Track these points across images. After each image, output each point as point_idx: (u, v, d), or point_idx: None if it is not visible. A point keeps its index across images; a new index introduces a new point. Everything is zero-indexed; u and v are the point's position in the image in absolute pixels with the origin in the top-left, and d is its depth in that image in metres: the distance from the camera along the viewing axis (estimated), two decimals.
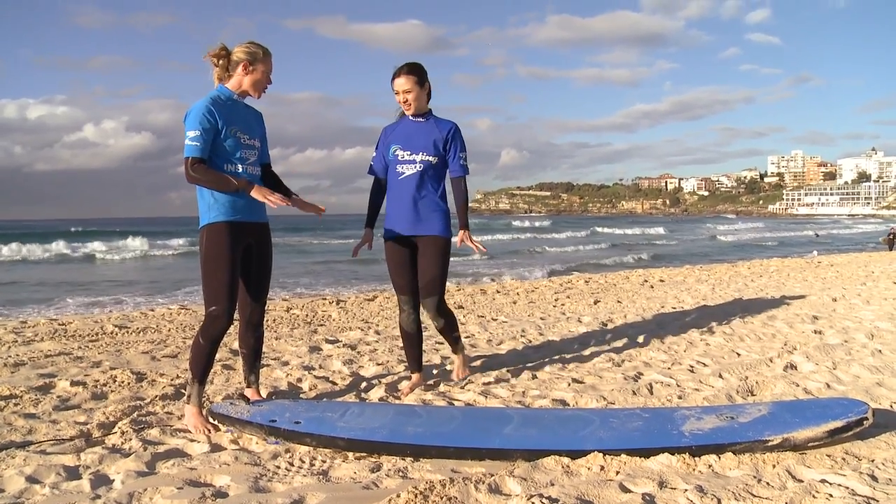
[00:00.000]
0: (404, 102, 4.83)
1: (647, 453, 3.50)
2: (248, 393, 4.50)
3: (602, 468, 3.41)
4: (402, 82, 4.77)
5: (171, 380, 5.31)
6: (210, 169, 4.00)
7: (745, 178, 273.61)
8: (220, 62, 4.15)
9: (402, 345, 6.58)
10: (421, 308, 5.09)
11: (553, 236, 53.04)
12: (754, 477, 3.26)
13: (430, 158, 4.86)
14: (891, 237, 32.10)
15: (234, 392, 4.81)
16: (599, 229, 65.20)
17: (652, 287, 12.46)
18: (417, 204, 4.88)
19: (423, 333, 5.05)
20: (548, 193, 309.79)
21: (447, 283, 5.25)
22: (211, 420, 4.13)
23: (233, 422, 4.03)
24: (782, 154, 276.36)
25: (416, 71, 4.81)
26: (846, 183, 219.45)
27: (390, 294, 11.93)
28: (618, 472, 3.37)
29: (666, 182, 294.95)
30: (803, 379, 5.13)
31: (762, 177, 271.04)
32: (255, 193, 4.00)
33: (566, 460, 3.49)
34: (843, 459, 3.48)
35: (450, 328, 5.14)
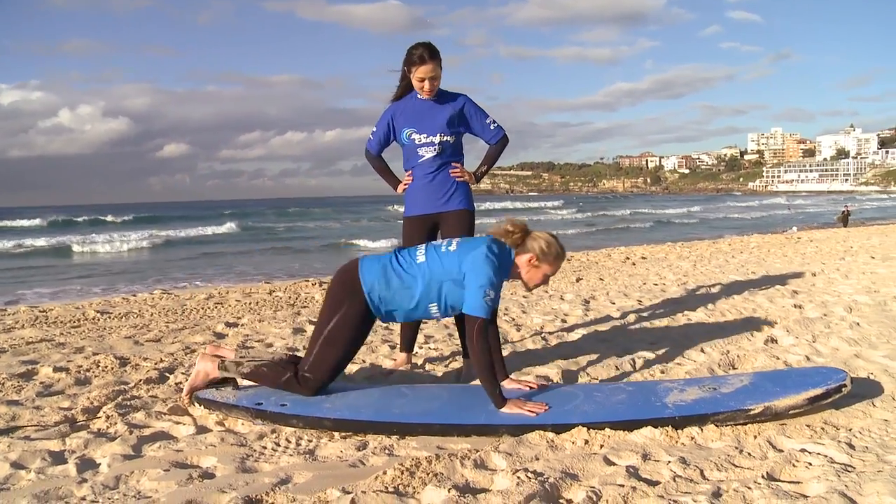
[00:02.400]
0: (427, 89, 4.61)
1: (630, 426, 3.54)
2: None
3: (586, 442, 3.46)
4: (432, 68, 4.53)
5: (155, 364, 5.30)
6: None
7: (725, 155, 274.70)
8: (517, 235, 4.02)
9: (385, 325, 6.62)
10: None
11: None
12: (736, 447, 3.32)
13: (449, 138, 4.71)
14: (844, 214, 32.41)
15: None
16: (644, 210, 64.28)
17: (634, 264, 12.52)
18: (441, 183, 4.77)
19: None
20: (529, 173, 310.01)
21: None
22: (197, 405, 4.15)
23: (219, 406, 4.02)
24: (762, 131, 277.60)
25: (439, 54, 4.59)
26: (825, 160, 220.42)
27: None
28: (602, 446, 3.41)
29: (647, 160, 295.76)
30: (784, 352, 5.20)
31: (742, 154, 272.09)
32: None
33: (551, 435, 3.53)
34: (822, 429, 3.55)
35: None
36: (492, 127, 4.83)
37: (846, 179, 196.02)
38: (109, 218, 56.30)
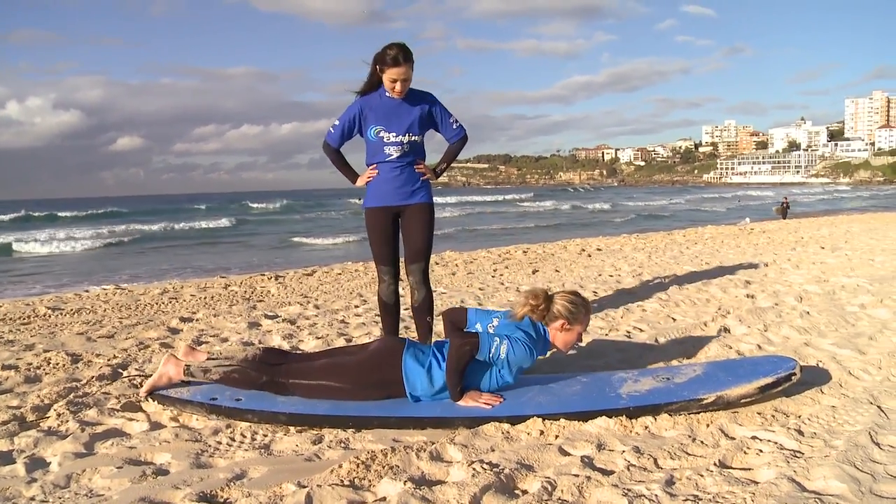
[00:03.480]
0: (398, 90, 4.64)
1: (585, 416, 3.58)
2: None
3: (541, 433, 3.49)
4: (404, 71, 4.57)
5: (108, 360, 5.23)
6: None
7: (680, 148, 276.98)
8: (542, 305, 3.94)
9: (341, 318, 6.62)
10: (401, 279, 5.11)
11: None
12: (689, 436, 3.37)
13: (416, 138, 4.81)
14: (783, 206, 32.80)
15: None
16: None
17: (590, 256, 12.59)
18: (407, 178, 4.86)
19: (364, 306, 5.02)
20: (486, 165, 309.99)
21: None
22: (151, 400, 4.10)
23: (173, 401, 3.98)
24: (716, 124, 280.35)
25: (412, 57, 4.62)
26: (777, 152, 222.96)
27: (329, 269, 11.90)
28: (557, 437, 3.44)
29: (603, 153, 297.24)
30: (736, 341, 5.27)
31: (697, 146, 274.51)
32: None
33: (506, 426, 3.55)
34: (773, 416, 3.63)
35: (427, 306, 5.01)
36: (454, 126, 4.94)
37: (798, 171, 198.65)
38: (63, 214, 55.47)
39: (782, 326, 5.67)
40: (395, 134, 4.74)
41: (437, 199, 5.18)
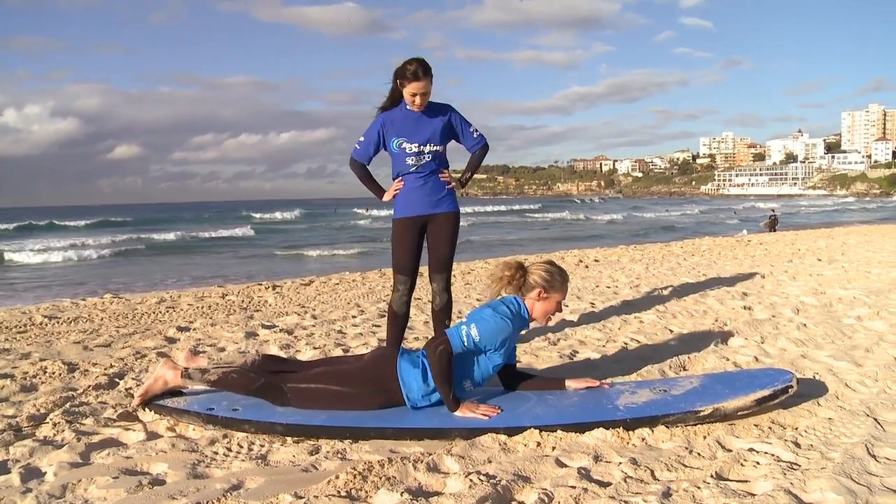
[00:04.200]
0: (418, 103, 4.80)
1: (582, 428, 3.57)
2: None
3: (538, 444, 3.48)
4: (424, 85, 4.73)
5: (105, 369, 5.22)
6: None
7: (678, 159, 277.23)
8: (517, 275, 4.03)
9: (338, 329, 6.61)
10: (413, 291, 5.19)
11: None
12: (686, 448, 3.37)
13: (438, 148, 4.95)
14: (771, 219, 32.25)
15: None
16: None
17: (587, 267, 12.61)
18: (433, 188, 4.99)
19: (361, 317, 5.03)
20: (484, 176, 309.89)
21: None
22: (147, 410, 4.10)
23: (169, 411, 3.97)
24: (714, 135, 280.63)
25: (431, 71, 4.78)
26: (774, 164, 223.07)
27: (326, 279, 11.90)
28: (554, 448, 3.44)
29: (601, 164, 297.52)
30: (733, 353, 5.28)
31: (695, 158, 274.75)
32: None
33: (503, 437, 3.54)
34: (770, 428, 3.63)
35: (447, 310, 5.19)
36: (475, 135, 5.08)
37: (795, 183, 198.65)
38: (64, 223, 55.43)
39: (779, 338, 5.68)
40: (416, 144, 4.89)
41: None
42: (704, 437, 3.52)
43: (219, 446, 3.61)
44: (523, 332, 4.58)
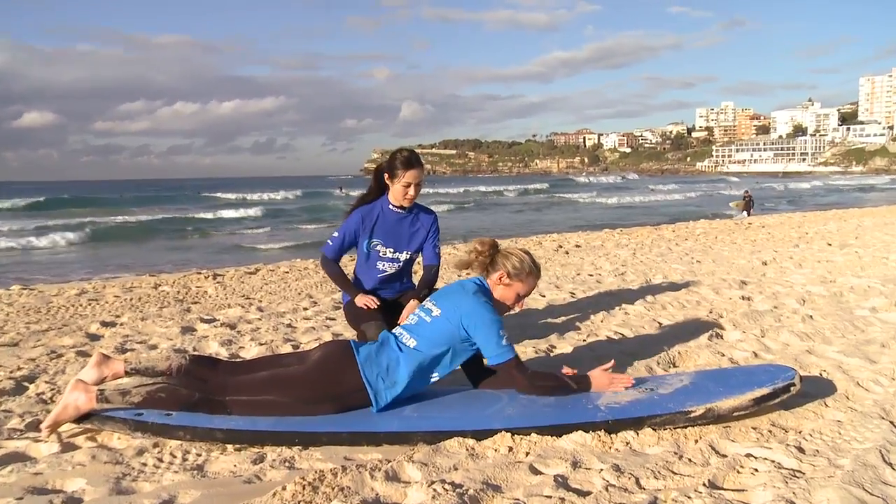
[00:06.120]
0: (411, 195, 5.04)
1: (559, 431, 3.61)
2: None
3: (510, 449, 3.51)
4: (419, 174, 5.00)
5: (11, 372, 5.07)
6: None
7: (670, 132, 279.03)
8: (486, 255, 4.14)
9: (287, 322, 6.64)
10: None
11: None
12: (675, 453, 3.41)
13: (413, 256, 5.26)
14: (746, 200, 31.78)
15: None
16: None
17: (567, 253, 12.67)
18: (398, 291, 5.28)
19: (314, 309, 5.03)
20: (453, 152, 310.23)
21: None
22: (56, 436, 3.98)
23: (90, 418, 3.91)
24: (712, 106, 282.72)
25: (423, 162, 5.11)
26: (781, 137, 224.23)
27: (274, 266, 11.86)
28: (528, 453, 3.47)
29: (584, 138, 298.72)
30: (729, 348, 5.35)
31: (690, 131, 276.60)
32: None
33: (471, 442, 3.57)
34: (770, 432, 3.67)
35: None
36: (436, 251, 5.31)
37: (804, 159, 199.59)
38: None
39: (782, 332, 5.75)
40: (393, 250, 5.16)
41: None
42: (696, 441, 3.56)
43: (148, 457, 3.57)
44: None
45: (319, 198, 57.78)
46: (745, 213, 29.38)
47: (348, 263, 5.65)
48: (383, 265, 5.15)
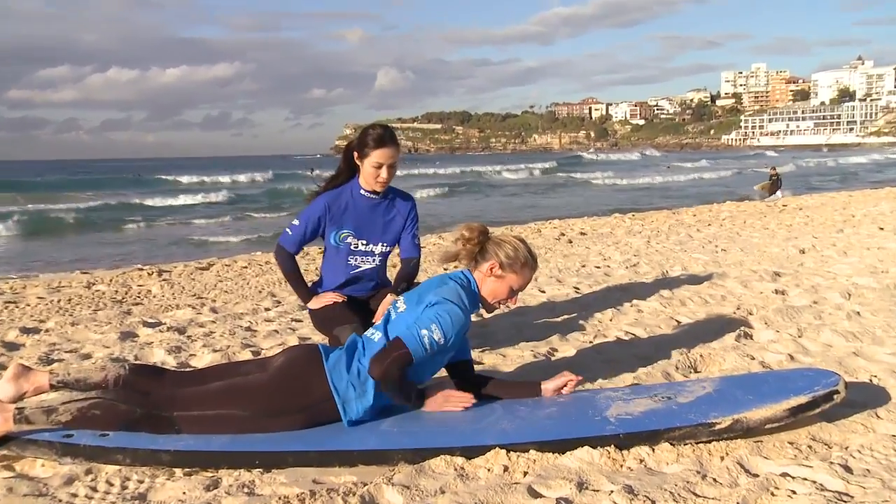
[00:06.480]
0: (383, 178, 4.93)
1: (562, 447, 3.61)
2: None
3: (506, 468, 3.50)
4: (392, 153, 4.90)
5: None
6: None
7: (691, 101, 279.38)
8: (474, 242, 4.11)
9: (246, 325, 6.65)
10: None
11: None
12: (697, 472, 3.40)
13: (390, 248, 5.21)
14: (772, 179, 31.23)
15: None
16: None
17: (570, 242, 12.70)
18: (371, 290, 5.20)
19: (277, 309, 5.01)
20: (438, 126, 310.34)
21: None
22: None
23: (8, 442, 3.84)
24: (740, 69, 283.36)
25: (398, 140, 4.99)
26: (823, 104, 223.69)
27: (231, 261, 11.85)
28: (526, 473, 3.46)
29: (590, 108, 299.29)
30: (760, 350, 5.36)
31: (714, 99, 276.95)
32: None
33: (460, 460, 3.56)
34: (810, 447, 3.64)
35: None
36: (415, 241, 5.25)
37: (851, 128, 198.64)
38: None
39: (822, 331, 5.75)
40: (365, 242, 5.10)
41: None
42: (722, 458, 3.55)
43: (79, 486, 3.52)
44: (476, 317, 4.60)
45: (286, 181, 57.46)
46: (777, 193, 29.09)
47: (316, 257, 5.60)
48: (356, 260, 5.09)
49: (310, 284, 5.16)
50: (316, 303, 5.01)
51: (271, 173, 67.64)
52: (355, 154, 4.96)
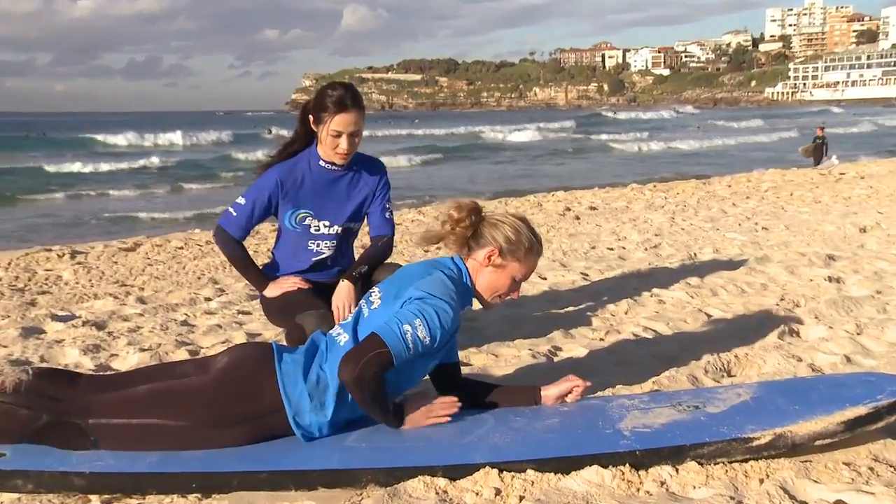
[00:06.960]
0: (343, 149, 4.86)
1: (566, 466, 3.61)
2: None
3: (498, 491, 3.50)
4: (355, 119, 4.82)
5: None
6: None
7: (727, 46, 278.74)
8: (465, 223, 4.05)
9: (182, 318, 6.68)
10: None
11: None
12: (731, 498, 3.39)
13: (353, 225, 5.23)
14: (817, 143, 30.95)
15: None
16: None
17: (577, 218, 12.73)
18: (336, 275, 5.12)
19: (220, 299, 5.02)
20: (417, 77, 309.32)
21: None
22: None
23: None
24: (790, 5, 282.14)
25: (363, 102, 4.90)
26: (894, 46, 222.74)
27: (162, 241, 11.81)
28: (522, 497, 3.46)
29: (604, 56, 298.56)
30: (809, 350, 5.40)
31: (756, 43, 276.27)
32: None
33: (442, 482, 3.56)
34: (871, 469, 3.61)
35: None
36: (387, 215, 5.27)
37: None
38: None
39: (887, 327, 5.79)
40: (328, 223, 5.09)
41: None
42: (761, 481, 3.55)
43: None
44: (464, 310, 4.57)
45: (234, 145, 57.12)
46: (832, 159, 28.94)
47: (269, 236, 5.59)
48: (317, 245, 5.07)
49: (261, 267, 5.13)
50: (274, 289, 4.99)
51: (215, 135, 67.20)
52: (311, 118, 4.88)
